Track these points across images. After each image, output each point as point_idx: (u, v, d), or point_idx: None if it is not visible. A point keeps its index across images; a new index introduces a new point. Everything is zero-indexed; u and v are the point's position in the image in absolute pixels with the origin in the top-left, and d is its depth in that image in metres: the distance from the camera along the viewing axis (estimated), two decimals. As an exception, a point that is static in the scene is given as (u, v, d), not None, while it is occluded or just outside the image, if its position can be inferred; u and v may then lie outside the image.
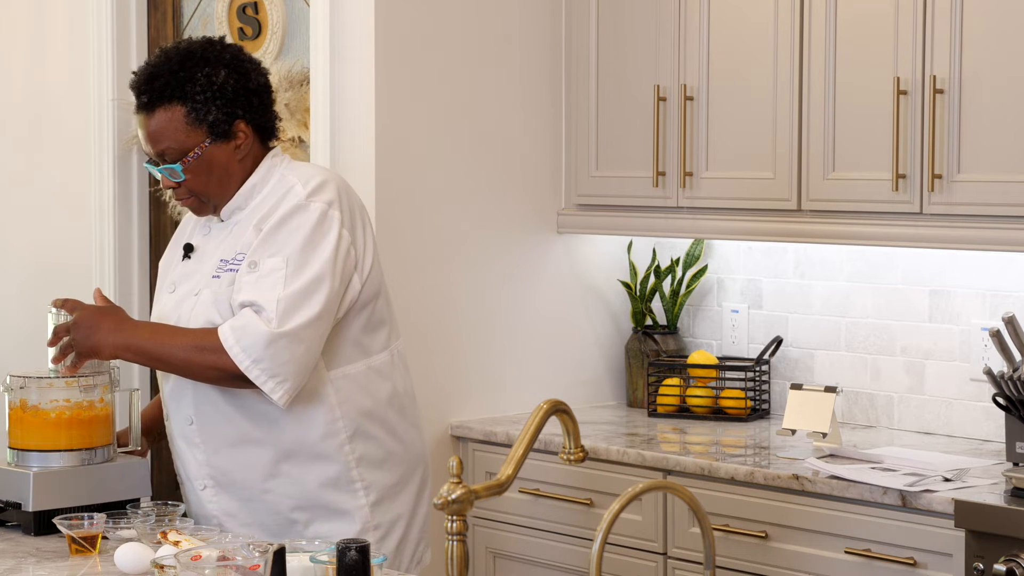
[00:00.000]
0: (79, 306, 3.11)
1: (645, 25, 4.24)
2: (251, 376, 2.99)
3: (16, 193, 5.15)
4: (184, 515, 2.94)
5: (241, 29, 4.55)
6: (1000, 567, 3.15)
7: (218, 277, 3.10)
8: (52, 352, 3.11)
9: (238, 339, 2.98)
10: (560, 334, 4.51)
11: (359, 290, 3.12)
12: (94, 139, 4.80)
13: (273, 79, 3.33)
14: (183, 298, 3.15)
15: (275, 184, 3.14)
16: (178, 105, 3.09)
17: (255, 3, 4.52)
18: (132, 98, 4.81)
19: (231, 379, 3.02)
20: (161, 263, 3.32)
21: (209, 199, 3.16)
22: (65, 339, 3.08)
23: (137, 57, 4.77)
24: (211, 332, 3.02)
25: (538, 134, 4.45)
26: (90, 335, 3.07)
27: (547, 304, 4.49)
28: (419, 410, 3.33)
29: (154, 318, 3.23)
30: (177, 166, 3.10)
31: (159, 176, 3.16)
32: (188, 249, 3.21)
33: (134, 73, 3.21)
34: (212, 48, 3.14)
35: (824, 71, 3.86)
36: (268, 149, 3.20)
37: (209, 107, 3.09)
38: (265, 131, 3.19)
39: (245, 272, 3.04)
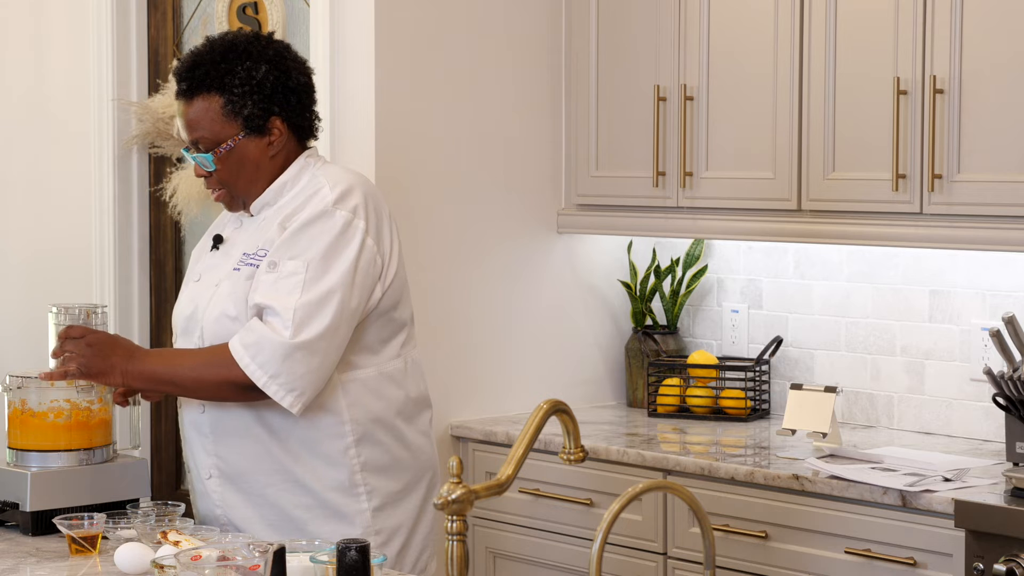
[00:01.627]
0: (90, 331, 3.10)
1: (645, 25, 4.24)
2: (269, 392, 3.00)
3: (16, 193, 5.14)
4: (184, 515, 2.94)
5: (241, 29, 4.54)
6: (1000, 567, 3.15)
7: (238, 270, 3.11)
8: (52, 360, 3.11)
9: (253, 356, 2.99)
10: (560, 334, 4.51)
11: (379, 298, 3.12)
12: (94, 139, 4.79)
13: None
14: (203, 288, 3.16)
15: (305, 184, 3.15)
16: (216, 96, 3.10)
17: (255, 3, 4.52)
18: (132, 98, 4.83)
19: (244, 391, 3.03)
20: (193, 252, 3.33)
21: (238, 193, 3.17)
22: (70, 351, 3.07)
23: (137, 57, 4.77)
24: (221, 348, 3.03)
25: (538, 134, 4.44)
26: (105, 357, 3.06)
27: (547, 304, 4.49)
28: (433, 420, 3.33)
29: (176, 305, 3.24)
30: (209, 156, 3.12)
31: (192, 163, 3.17)
32: (218, 240, 3.23)
33: (178, 59, 3.22)
34: (257, 43, 3.15)
35: (824, 71, 3.86)
36: (304, 148, 3.20)
37: (246, 101, 3.10)
38: (302, 130, 3.19)
39: (264, 271, 3.05)
